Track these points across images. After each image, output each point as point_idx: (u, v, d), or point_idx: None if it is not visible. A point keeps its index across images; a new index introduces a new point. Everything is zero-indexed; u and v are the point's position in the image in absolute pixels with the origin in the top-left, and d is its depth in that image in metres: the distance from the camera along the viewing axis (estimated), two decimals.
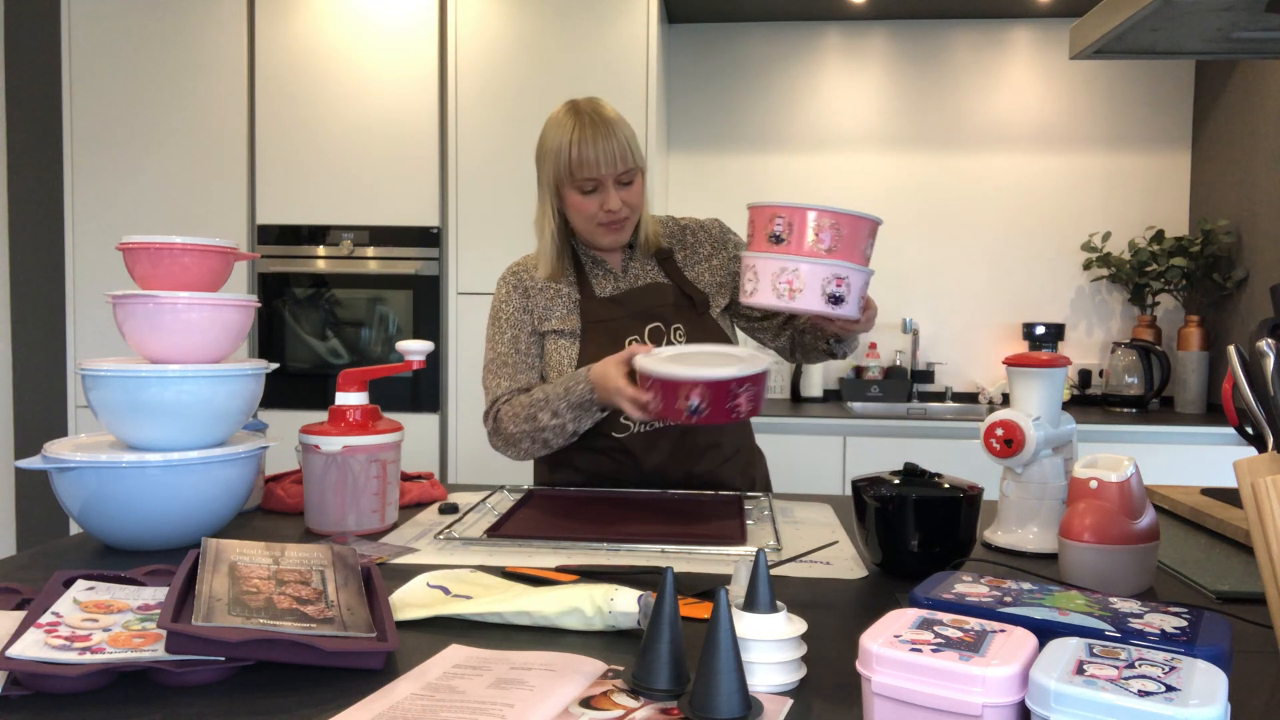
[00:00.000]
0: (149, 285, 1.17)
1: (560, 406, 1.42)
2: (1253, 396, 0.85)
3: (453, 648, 0.78)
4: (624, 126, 1.45)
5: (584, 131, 1.42)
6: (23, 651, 0.70)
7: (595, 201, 1.45)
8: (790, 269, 1.21)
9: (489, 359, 1.55)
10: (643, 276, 1.56)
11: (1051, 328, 3.24)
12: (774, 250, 1.23)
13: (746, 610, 0.72)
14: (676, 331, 1.51)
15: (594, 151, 1.41)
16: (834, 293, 1.21)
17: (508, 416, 1.48)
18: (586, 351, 1.50)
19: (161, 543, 1.12)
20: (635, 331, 1.51)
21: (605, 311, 1.52)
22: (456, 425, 2.94)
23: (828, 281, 1.21)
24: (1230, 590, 0.96)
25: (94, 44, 2.95)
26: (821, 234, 1.21)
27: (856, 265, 1.22)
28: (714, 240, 1.60)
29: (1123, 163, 3.33)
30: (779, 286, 1.23)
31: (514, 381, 1.52)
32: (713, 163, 3.44)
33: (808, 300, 1.21)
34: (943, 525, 1.00)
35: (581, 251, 1.57)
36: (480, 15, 2.88)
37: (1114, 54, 1.52)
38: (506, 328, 1.54)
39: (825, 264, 1.21)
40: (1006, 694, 0.55)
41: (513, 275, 1.57)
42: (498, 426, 1.50)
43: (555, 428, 1.43)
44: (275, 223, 2.95)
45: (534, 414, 1.44)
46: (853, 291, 1.23)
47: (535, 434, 1.45)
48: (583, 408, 1.41)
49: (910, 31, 3.37)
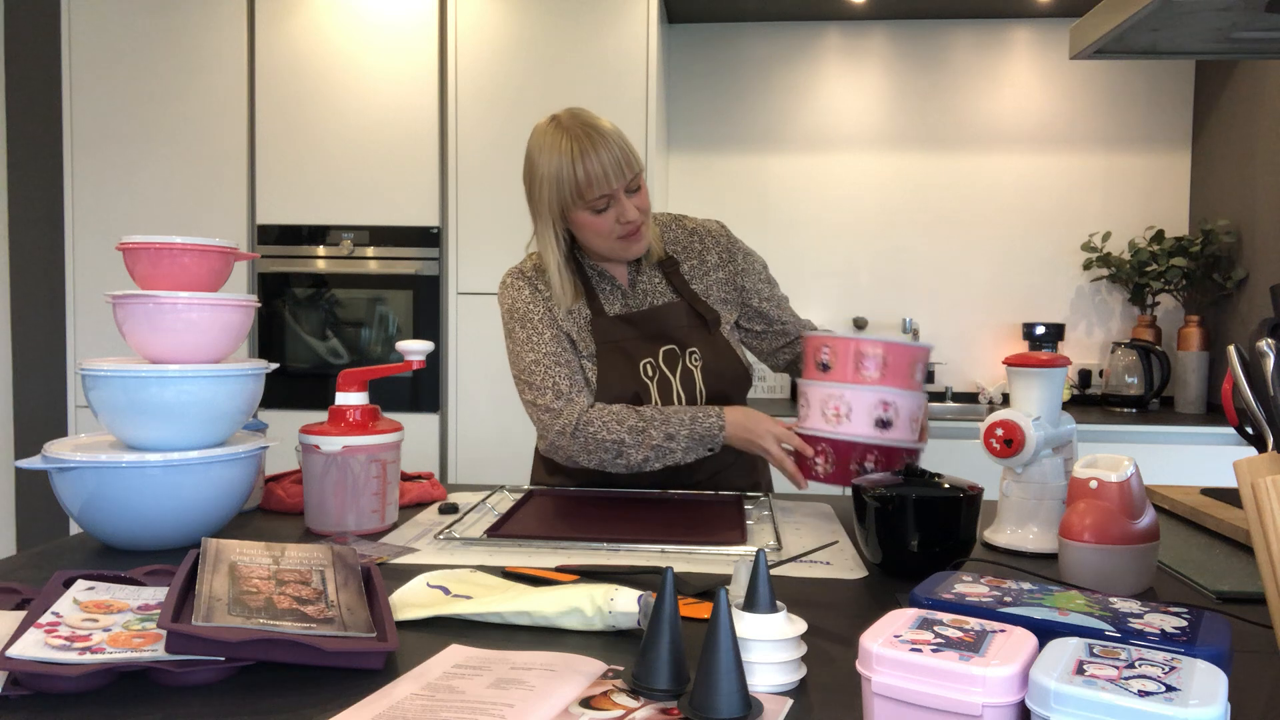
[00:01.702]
0: (149, 285, 1.17)
1: (679, 431, 1.38)
2: (1253, 396, 0.85)
3: (453, 648, 0.78)
4: (615, 132, 1.39)
5: (582, 146, 1.34)
6: (23, 651, 0.70)
7: (610, 217, 1.39)
8: (836, 395, 1.26)
9: (534, 359, 1.44)
10: (651, 292, 1.51)
11: (1051, 328, 3.24)
12: (821, 378, 1.28)
13: (746, 610, 0.72)
14: (692, 355, 1.48)
15: (599, 166, 1.34)
16: (882, 417, 1.25)
17: (601, 420, 1.40)
18: (602, 374, 1.46)
19: (161, 543, 1.12)
20: (650, 354, 1.47)
21: (618, 332, 1.47)
22: (456, 425, 2.94)
23: (874, 407, 1.24)
24: (1230, 590, 0.96)
25: (94, 44, 2.95)
26: (865, 361, 1.25)
27: (904, 390, 1.25)
28: (722, 249, 1.56)
29: (1123, 163, 3.33)
30: (826, 412, 1.27)
31: (575, 382, 1.43)
32: (713, 163, 3.44)
33: (856, 425, 1.25)
34: (943, 525, 1.00)
35: (587, 265, 1.52)
36: (480, 15, 2.88)
37: (1114, 54, 1.52)
38: (544, 328, 1.45)
39: (871, 390, 1.24)
40: (1006, 694, 0.55)
41: (521, 277, 1.50)
42: (581, 428, 1.40)
43: (663, 449, 1.39)
44: (275, 223, 2.95)
45: (643, 427, 1.38)
46: (901, 416, 1.25)
47: (635, 448, 1.39)
48: (702, 441, 1.38)
49: (910, 31, 3.37)
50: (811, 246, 3.43)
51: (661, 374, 1.47)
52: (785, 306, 1.62)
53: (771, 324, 1.60)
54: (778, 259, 3.43)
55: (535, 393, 1.44)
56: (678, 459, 1.40)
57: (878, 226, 3.41)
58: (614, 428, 1.39)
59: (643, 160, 1.45)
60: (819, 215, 3.42)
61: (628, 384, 1.45)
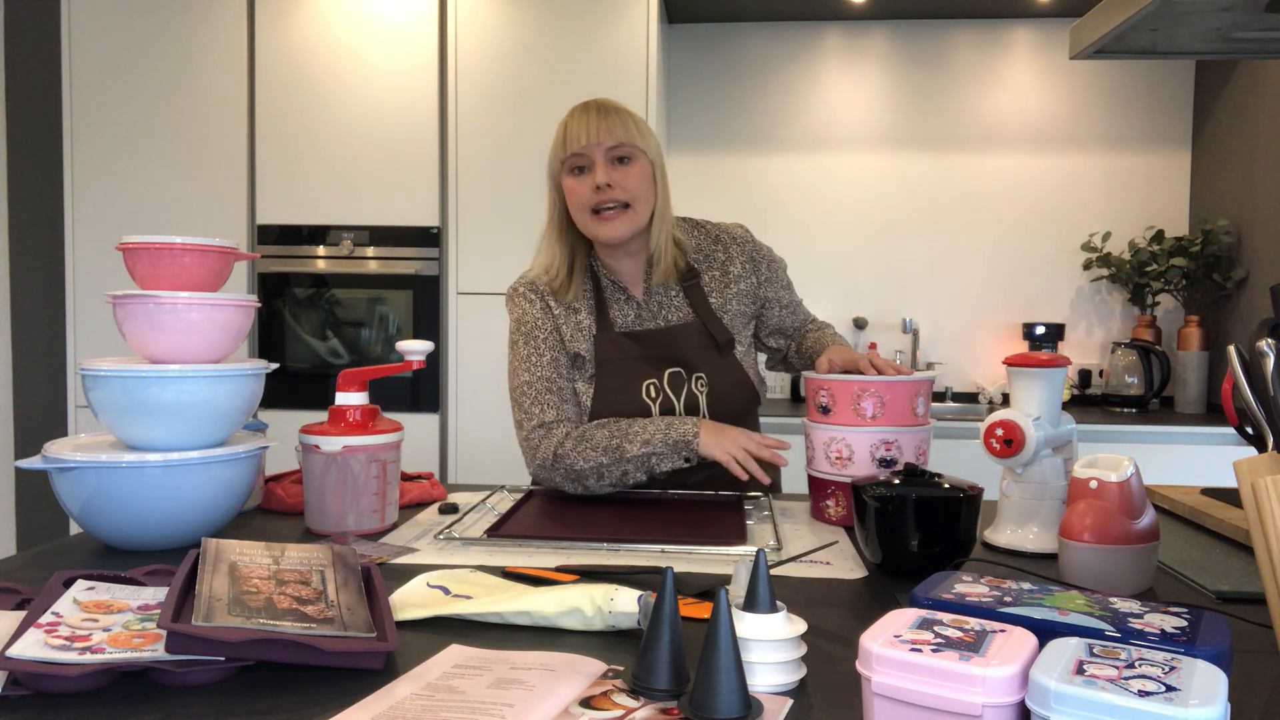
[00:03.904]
0: (149, 285, 1.17)
1: (654, 437, 1.34)
2: (1253, 396, 0.85)
3: (453, 648, 0.78)
4: (627, 112, 1.40)
5: (578, 111, 1.39)
6: (23, 651, 0.70)
7: (588, 183, 1.38)
8: (839, 439, 1.26)
9: (526, 381, 1.43)
10: (666, 306, 1.48)
11: (1051, 328, 3.24)
12: (823, 421, 1.28)
13: (746, 610, 0.72)
14: (698, 380, 1.44)
15: (580, 125, 1.37)
16: (884, 457, 1.25)
17: (578, 451, 1.37)
18: (599, 394, 1.43)
19: (161, 543, 1.12)
20: (653, 375, 1.44)
21: (621, 349, 1.44)
22: (456, 425, 2.94)
23: (876, 447, 1.24)
24: (1230, 590, 0.96)
25: (94, 44, 2.95)
26: (864, 402, 1.24)
27: (906, 426, 1.25)
28: (746, 257, 1.52)
29: (1123, 163, 3.33)
30: (830, 455, 1.27)
31: (562, 411, 1.42)
32: (713, 163, 3.44)
33: (860, 468, 1.25)
34: (943, 525, 0.99)
35: (602, 274, 1.48)
36: (480, 15, 2.88)
37: (1114, 54, 1.52)
38: (545, 349, 1.44)
39: (872, 431, 1.24)
40: (1006, 694, 0.55)
41: (533, 289, 1.47)
42: (558, 462, 1.38)
43: (639, 459, 1.35)
44: (275, 223, 2.95)
45: (618, 444, 1.35)
46: (905, 453, 1.25)
47: (613, 466, 1.36)
48: (675, 448, 1.34)
49: (910, 31, 3.37)
50: (811, 246, 3.43)
51: (665, 396, 1.44)
52: (800, 310, 1.61)
53: (790, 337, 1.59)
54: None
55: (522, 415, 1.44)
56: (653, 467, 1.37)
57: (878, 226, 3.41)
58: (589, 455, 1.36)
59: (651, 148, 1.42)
60: (819, 215, 3.42)
61: (627, 404, 1.43)
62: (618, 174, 1.38)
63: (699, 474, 1.49)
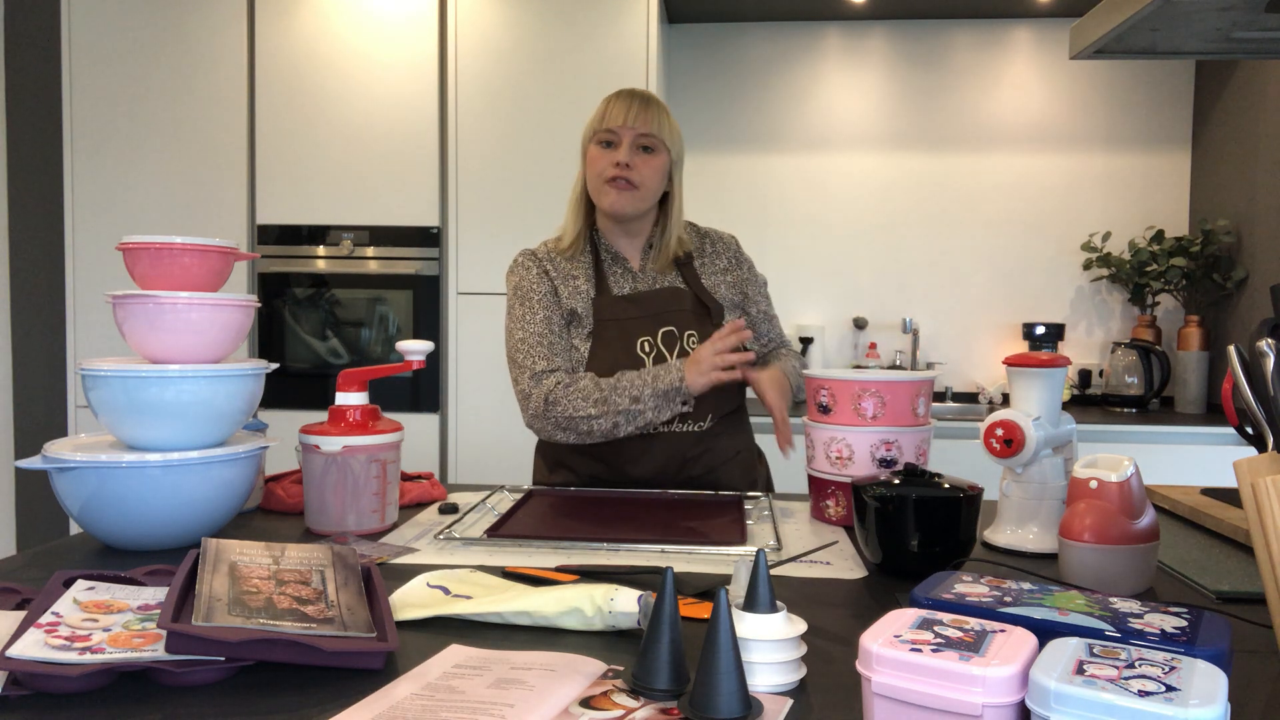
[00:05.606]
0: (149, 285, 1.17)
1: (644, 392, 1.40)
2: (1253, 396, 0.85)
3: (453, 648, 0.78)
4: (665, 111, 1.51)
5: (623, 94, 1.50)
6: (23, 651, 0.70)
7: (610, 156, 1.48)
8: (839, 438, 1.26)
9: (520, 338, 1.50)
10: (660, 279, 1.57)
11: (1051, 328, 3.24)
12: (823, 420, 1.28)
13: (746, 610, 0.72)
14: (690, 338, 1.51)
15: (619, 105, 1.48)
16: (885, 457, 1.25)
17: (567, 398, 1.43)
18: (596, 350, 1.49)
19: (161, 543, 1.12)
20: (648, 333, 1.51)
21: (619, 310, 1.52)
22: (456, 425, 2.94)
23: (876, 448, 1.24)
24: (1230, 590, 0.96)
25: (94, 44, 2.95)
26: (863, 402, 1.24)
27: (906, 426, 1.25)
28: (731, 255, 1.63)
29: (1122, 163, 3.33)
30: (830, 455, 1.28)
31: (552, 362, 1.48)
32: (713, 163, 3.44)
33: (860, 467, 1.25)
34: (943, 525, 1.00)
35: (603, 247, 1.58)
36: (480, 15, 2.88)
37: (1114, 54, 1.52)
38: (539, 307, 1.51)
39: (871, 431, 1.24)
40: (1006, 694, 0.55)
41: (532, 258, 1.56)
42: (549, 408, 1.44)
43: (631, 413, 1.41)
44: (275, 223, 2.95)
45: (607, 397, 1.41)
46: (905, 453, 1.25)
47: (603, 417, 1.41)
48: (667, 396, 1.40)
49: (910, 31, 3.37)
50: (811, 246, 3.43)
51: (659, 352, 1.50)
52: (775, 325, 1.68)
53: (759, 338, 1.66)
54: (778, 259, 3.43)
55: (517, 371, 1.50)
56: (649, 419, 1.42)
57: (878, 226, 3.41)
58: (579, 404, 1.42)
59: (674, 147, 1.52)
60: (819, 215, 3.42)
61: (621, 360, 1.48)
62: (639, 159, 1.49)
63: (697, 468, 1.50)
